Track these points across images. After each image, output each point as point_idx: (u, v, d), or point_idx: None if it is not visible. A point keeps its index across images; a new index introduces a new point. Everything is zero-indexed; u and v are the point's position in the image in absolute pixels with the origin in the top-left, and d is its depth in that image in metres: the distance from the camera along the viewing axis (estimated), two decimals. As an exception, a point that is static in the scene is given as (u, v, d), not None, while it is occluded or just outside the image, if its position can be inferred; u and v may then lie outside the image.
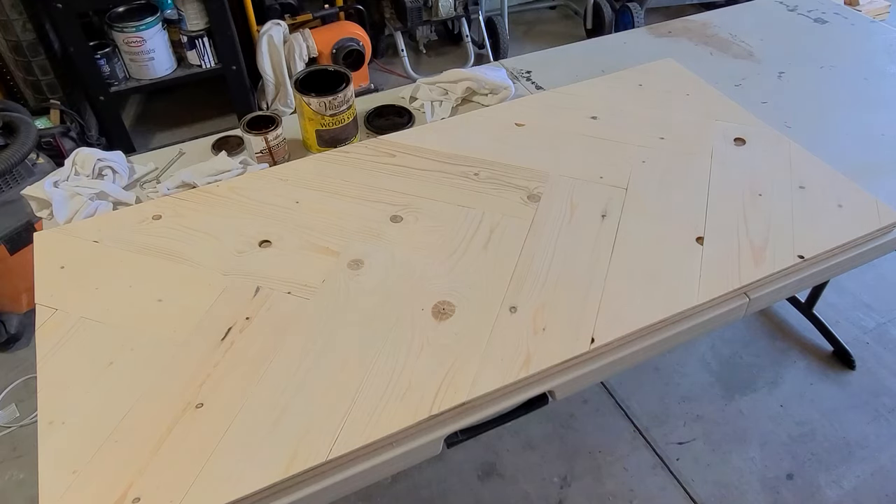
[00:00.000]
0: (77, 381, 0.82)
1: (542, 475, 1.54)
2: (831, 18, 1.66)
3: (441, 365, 0.83)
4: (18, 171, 1.83)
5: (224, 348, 0.85)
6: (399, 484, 1.53)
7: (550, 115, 1.26)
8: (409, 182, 1.11)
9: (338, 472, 0.75)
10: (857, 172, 1.14)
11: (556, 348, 0.85)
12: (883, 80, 1.42)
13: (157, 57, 2.33)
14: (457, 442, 0.81)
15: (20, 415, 1.68)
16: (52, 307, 0.91)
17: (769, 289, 0.96)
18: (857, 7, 3.01)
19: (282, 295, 0.92)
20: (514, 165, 1.14)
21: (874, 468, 1.54)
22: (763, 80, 1.43)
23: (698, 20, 1.68)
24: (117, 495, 0.70)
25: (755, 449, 1.58)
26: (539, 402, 0.84)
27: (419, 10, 2.75)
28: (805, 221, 1.03)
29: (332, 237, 1.01)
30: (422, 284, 0.94)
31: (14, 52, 2.19)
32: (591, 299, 0.91)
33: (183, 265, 0.97)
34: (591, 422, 1.64)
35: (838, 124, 1.30)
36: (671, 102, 1.30)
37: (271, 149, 1.19)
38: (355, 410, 0.78)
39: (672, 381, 1.73)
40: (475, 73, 1.37)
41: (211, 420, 0.77)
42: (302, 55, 2.48)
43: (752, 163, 1.15)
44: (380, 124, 1.31)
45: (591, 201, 1.07)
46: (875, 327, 1.85)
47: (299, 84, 1.19)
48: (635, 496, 1.50)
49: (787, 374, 1.74)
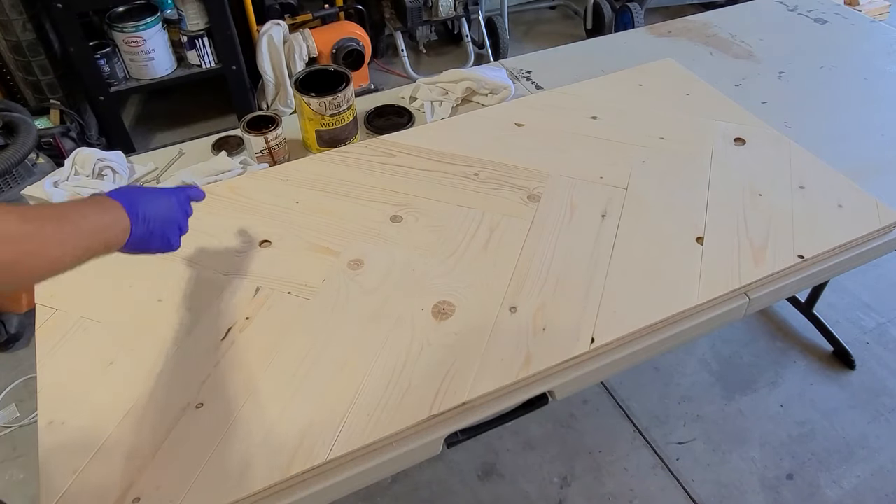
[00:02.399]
0: (77, 381, 0.82)
1: (542, 475, 1.54)
2: (831, 18, 1.66)
3: (441, 365, 0.83)
4: (18, 171, 1.83)
5: (224, 348, 0.85)
6: (399, 484, 1.53)
7: (550, 115, 1.26)
8: (409, 182, 1.11)
9: (338, 472, 0.74)
10: (857, 172, 1.14)
11: (556, 348, 0.85)
12: (883, 80, 1.42)
13: (157, 57, 2.33)
14: (457, 442, 0.81)
15: (20, 415, 1.68)
16: (52, 307, 0.91)
17: (769, 289, 0.96)
18: (857, 7, 3.01)
19: (282, 295, 0.92)
20: (514, 165, 1.14)
21: (874, 468, 1.54)
22: (763, 80, 1.43)
23: (698, 20, 1.68)
24: (117, 495, 0.70)
25: (755, 449, 1.58)
26: (539, 402, 0.84)
27: (419, 10, 2.75)
28: (805, 221, 1.03)
29: (332, 237, 1.01)
30: (422, 284, 0.94)
31: (14, 52, 2.19)
32: (591, 299, 0.91)
33: (183, 265, 0.97)
34: (591, 422, 1.64)
35: (838, 124, 1.30)
36: (671, 102, 1.30)
37: (271, 149, 1.19)
38: (355, 410, 0.78)
39: (672, 381, 1.73)
40: (475, 73, 1.37)
41: (211, 420, 0.77)
42: (302, 55, 2.48)
43: (752, 163, 1.15)
44: (380, 124, 1.31)
45: (591, 201, 1.07)
46: (875, 327, 1.85)
47: (299, 84, 1.19)
48: (635, 496, 1.50)
49: (787, 374, 1.74)
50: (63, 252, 0.61)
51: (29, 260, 0.58)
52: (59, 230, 0.61)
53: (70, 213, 0.64)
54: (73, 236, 0.63)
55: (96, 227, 0.67)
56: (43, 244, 0.59)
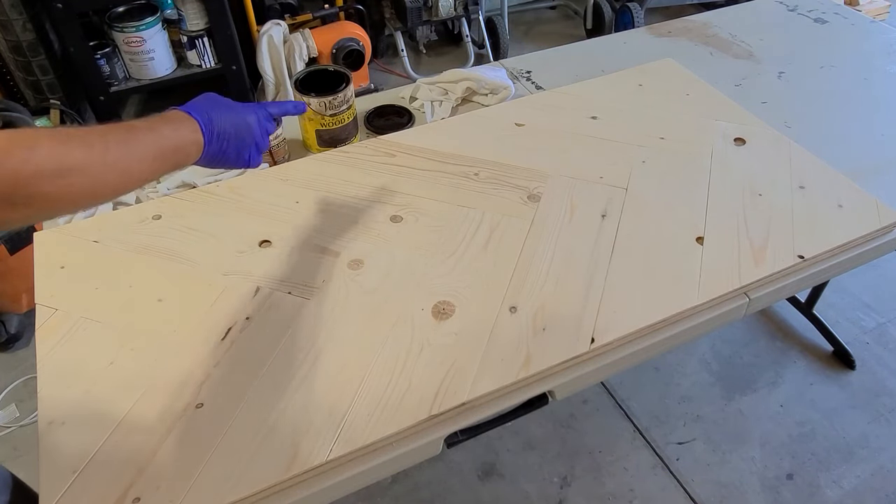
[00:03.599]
0: (77, 382, 0.81)
1: (542, 475, 1.54)
2: (831, 18, 1.66)
3: (441, 365, 0.83)
4: (18, 171, 1.83)
5: (224, 348, 0.85)
6: (399, 484, 1.53)
7: (550, 115, 1.26)
8: (409, 182, 1.11)
9: (338, 472, 0.74)
10: (857, 172, 1.14)
11: (556, 348, 0.85)
12: (883, 80, 1.42)
13: (157, 57, 2.33)
14: (457, 442, 0.81)
15: (20, 415, 1.68)
16: (52, 307, 0.91)
17: (769, 289, 0.96)
18: (857, 7, 3.01)
19: (282, 295, 0.92)
20: (514, 165, 1.14)
21: (874, 468, 1.54)
22: (763, 80, 1.43)
23: (698, 20, 1.68)
24: (117, 495, 0.70)
25: (755, 449, 1.58)
26: (539, 402, 0.84)
27: (419, 10, 2.75)
28: (805, 221, 1.03)
29: (332, 237, 1.01)
30: (422, 284, 0.94)
31: (14, 52, 2.19)
32: (591, 299, 0.91)
33: (183, 265, 0.97)
34: (591, 422, 1.64)
35: (838, 124, 1.30)
36: (671, 102, 1.30)
37: (271, 149, 1.19)
38: (355, 410, 0.78)
39: (672, 381, 1.73)
40: (475, 73, 1.37)
41: (211, 420, 0.77)
42: (302, 55, 2.48)
43: (752, 163, 1.15)
44: (380, 124, 1.31)
45: (591, 201, 1.07)
46: (875, 327, 1.85)
47: (299, 84, 1.19)
48: (635, 496, 1.50)
49: (787, 374, 1.74)
50: (129, 177, 0.61)
51: (93, 187, 0.57)
52: (125, 154, 0.60)
53: (138, 135, 0.62)
54: (139, 160, 0.62)
55: (166, 147, 0.65)
56: (105, 171, 0.58)
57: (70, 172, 0.55)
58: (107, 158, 0.58)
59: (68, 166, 0.55)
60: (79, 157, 0.56)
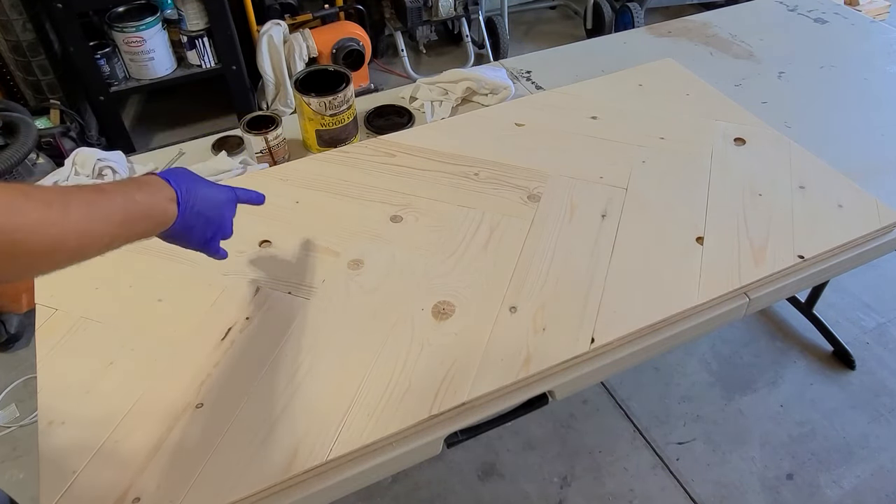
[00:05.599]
0: (77, 381, 0.82)
1: (542, 475, 1.54)
2: (831, 18, 1.66)
3: (441, 365, 0.83)
4: (18, 171, 1.83)
5: (224, 348, 0.85)
6: (399, 484, 1.53)
7: (550, 115, 1.26)
8: (409, 182, 1.11)
9: (338, 472, 0.74)
10: (857, 172, 1.14)
11: (556, 348, 0.85)
12: (883, 80, 1.42)
13: (157, 57, 2.33)
14: (457, 442, 0.81)
15: (20, 415, 1.68)
16: (52, 307, 0.91)
17: (769, 289, 0.96)
18: (857, 7, 3.01)
19: (282, 295, 0.92)
20: (514, 165, 1.14)
21: (874, 468, 1.54)
22: (763, 80, 1.43)
23: (698, 20, 1.68)
24: (117, 495, 0.70)
25: (755, 449, 1.58)
26: (539, 402, 0.84)
27: (419, 10, 2.75)
28: (805, 221, 1.03)
29: (332, 237, 1.01)
30: (422, 284, 0.94)
31: (14, 52, 2.19)
32: (591, 299, 0.91)
33: (183, 265, 0.97)
34: (591, 422, 1.64)
35: (838, 124, 1.30)
36: (671, 102, 1.30)
37: (271, 149, 1.19)
38: (355, 410, 0.78)
39: (672, 381, 1.73)
40: (475, 73, 1.37)
41: (211, 420, 0.77)
42: (302, 55, 2.48)
43: (752, 163, 1.15)
44: (380, 124, 1.31)
45: (591, 201, 1.07)
46: (875, 327, 1.85)
47: (299, 84, 1.19)
48: (635, 496, 1.50)
49: (787, 374, 1.74)
50: (90, 240, 0.56)
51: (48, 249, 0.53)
52: (87, 215, 0.55)
53: (106, 196, 0.58)
54: (102, 223, 0.57)
55: (135, 212, 0.61)
56: (63, 232, 0.53)
57: (19, 231, 0.50)
58: (66, 219, 0.54)
59: (16, 225, 0.50)
60: (33, 216, 0.51)
